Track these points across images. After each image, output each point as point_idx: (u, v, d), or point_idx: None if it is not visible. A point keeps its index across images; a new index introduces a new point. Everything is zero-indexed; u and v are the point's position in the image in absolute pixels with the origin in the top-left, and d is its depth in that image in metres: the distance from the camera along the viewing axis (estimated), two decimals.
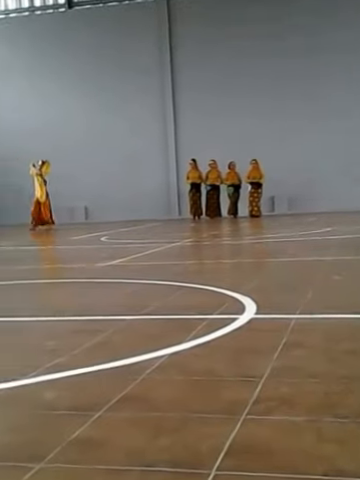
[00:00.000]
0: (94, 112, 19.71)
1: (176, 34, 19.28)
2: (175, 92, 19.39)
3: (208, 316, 3.91)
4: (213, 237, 11.65)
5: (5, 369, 2.96)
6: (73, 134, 19.79)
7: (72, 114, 19.81)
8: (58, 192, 19.73)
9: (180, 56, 19.28)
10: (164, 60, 19.39)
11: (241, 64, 18.75)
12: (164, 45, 19.34)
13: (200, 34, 18.86)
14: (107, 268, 6.99)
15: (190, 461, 1.83)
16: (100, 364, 2.92)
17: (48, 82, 19.92)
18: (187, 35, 19.09)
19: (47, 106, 19.96)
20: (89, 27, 19.57)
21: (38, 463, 1.85)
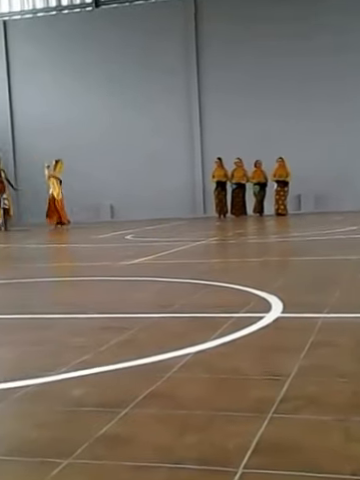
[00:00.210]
0: (120, 111, 19.78)
1: (202, 33, 19.25)
2: (201, 91, 19.37)
3: (234, 314, 3.90)
4: (238, 235, 11.61)
5: (34, 366, 2.99)
6: (99, 133, 19.89)
7: (98, 113, 19.91)
8: (84, 190, 19.89)
9: (206, 55, 19.25)
10: (190, 59, 19.38)
11: (267, 64, 18.66)
12: (190, 44, 19.32)
13: (226, 33, 18.81)
14: (132, 266, 7.01)
15: (217, 459, 1.82)
16: (126, 361, 2.93)
17: (74, 81, 20.05)
18: (213, 34, 19.05)
19: (72, 105, 20.09)
20: (115, 26, 19.64)
21: (66, 459, 1.87)
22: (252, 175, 17.56)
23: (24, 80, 20.47)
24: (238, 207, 17.67)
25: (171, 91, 19.44)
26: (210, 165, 18.30)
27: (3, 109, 20.66)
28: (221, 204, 17.83)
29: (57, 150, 19.82)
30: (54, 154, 19.86)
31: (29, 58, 20.28)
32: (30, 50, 20.27)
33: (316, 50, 18.35)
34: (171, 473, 1.76)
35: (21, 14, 20.75)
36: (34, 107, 20.35)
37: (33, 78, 20.30)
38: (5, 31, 20.55)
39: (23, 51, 20.38)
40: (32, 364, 3.03)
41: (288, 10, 18.43)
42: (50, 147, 19.81)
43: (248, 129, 18.68)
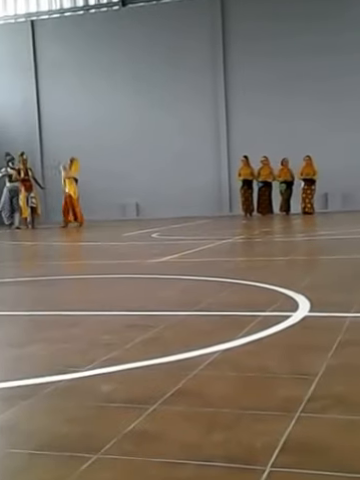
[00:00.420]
0: (146, 110, 19.83)
1: (229, 31, 19.20)
2: (227, 89, 19.33)
3: (261, 313, 3.89)
4: (265, 234, 11.57)
5: (63, 362, 3.03)
6: (125, 132, 19.97)
7: (124, 112, 19.98)
8: (110, 189, 19.99)
9: (233, 53, 19.19)
10: (216, 57, 19.34)
11: (295, 61, 18.52)
12: (217, 42, 19.29)
13: (253, 31, 18.72)
14: (158, 264, 7.03)
15: (244, 457, 1.83)
16: (153, 359, 2.95)
17: (100, 80, 20.15)
18: (240, 32, 18.99)
19: (99, 104, 20.19)
20: (142, 25, 19.68)
21: (95, 454, 1.89)
22: (278, 173, 17.48)
23: (51, 80, 20.63)
24: (264, 205, 17.60)
25: (198, 89, 19.43)
26: (236, 163, 18.26)
27: (31, 109, 20.86)
28: (247, 202, 17.78)
29: (83, 149, 19.96)
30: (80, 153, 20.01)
31: (56, 58, 20.44)
32: (57, 50, 20.42)
33: (344, 47, 18.17)
34: (199, 470, 1.77)
35: (49, 14, 20.91)
36: (61, 106, 20.51)
37: (60, 78, 20.45)
38: (33, 31, 20.74)
39: (50, 51, 20.54)
40: (61, 360, 3.06)
41: (316, 7, 18.28)
42: (77, 146, 19.93)
43: (275, 127, 18.60)
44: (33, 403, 2.43)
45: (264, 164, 17.54)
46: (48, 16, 20.93)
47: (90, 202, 19.96)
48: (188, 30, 19.38)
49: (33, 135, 20.83)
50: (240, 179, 17.79)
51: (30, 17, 20.89)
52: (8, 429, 2.18)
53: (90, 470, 1.80)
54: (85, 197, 19.90)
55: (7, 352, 3.31)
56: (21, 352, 3.28)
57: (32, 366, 3.01)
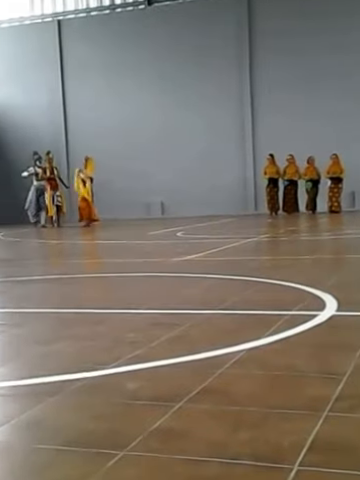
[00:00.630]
0: (171, 109, 19.83)
1: (255, 29, 19.10)
2: (253, 87, 19.23)
3: (287, 312, 3.87)
4: (291, 233, 11.50)
5: (89, 359, 3.04)
6: (150, 130, 19.99)
7: (149, 111, 20.01)
8: (135, 188, 20.04)
9: (259, 51, 19.09)
10: (243, 56, 19.25)
11: (321, 60, 18.34)
12: (243, 41, 19.19)
13: (280, 29, 18.58)
14: (183, 263, 7.03)
15: (272, 456, 1.82)
16: (178, 357, 2.95)
17: (126, 79, 20.19)
18: (267, 30, 18.86)
19: (124, 103, 20.24)
20: (167, 24, 19.68)
21: (121, 450, 1.90)
22: (305, 172, 17.35)
23: (77, 79, 20.73)
24: (290, 204, 17.49)
25: (223, 88, 19.37)
26: (262, 162, 18.17)
27: (57, 108, 20.99)
28: (273, 201, 17.69)
29: (109, 148, 20.06)
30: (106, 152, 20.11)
31: (82, 57, 20.54)
32: (83, 49, 20.51)
33: None
34: (225, 468, 1.77)
35: (75, 13, 21.03)
36: (87, 106, 20.60)
37: (86, 77, 20.55)
38: (59, 31, 20.86)
39: (76, 50, 20.64)
40: (87, 357, 3.08)
41: (343, 4, 18.09)
42: (102, 145, 20.05)
43: (301, 125, 18.45)
44: (60, 399, 2.44)
45: (290, 162, 17.43)
46: (74, 15, 21.05)
47: (115, 201, 20.06)
48: (214, 29, 19.33)
49: (59, 134, 20.97)
50: (266, 177, 17.70)
51: (57, 17, 21.02)
52: (35, 425, 2.19)
53: (116, 467, 1.80)
54: (110, 196, 20.03)
55: (34, 349, 3.34)
56: (47, 349, 3.30)
57: (58, 363, 3.03)
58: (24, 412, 2.31)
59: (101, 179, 19.73)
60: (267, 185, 17.72)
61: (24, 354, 3.26)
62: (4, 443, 2.06)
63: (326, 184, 17.08)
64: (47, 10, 21.17)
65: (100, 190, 19.78)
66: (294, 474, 1.69)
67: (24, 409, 2.34)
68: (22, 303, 4.85)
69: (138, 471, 1.78)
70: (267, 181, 17.68)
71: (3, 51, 21.25)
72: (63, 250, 10.94)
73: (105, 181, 19.97)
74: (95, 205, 16.78)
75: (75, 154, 20.38)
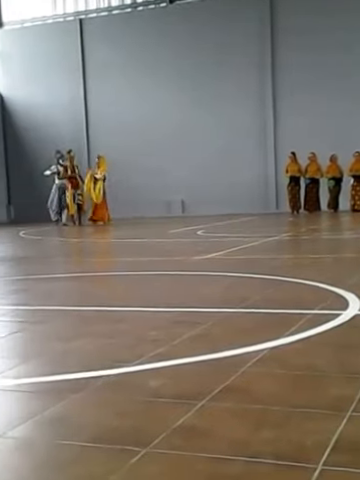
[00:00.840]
0: (193, 107, 19.81)
1: (277, 27, 18.98)
2: (275, 85, 19.13)
3: (310, 311, 3.85)
4: (312, 231, 11.43)
5: (111, 357, 3.06)
6: (171, 128, 20.00)
7: (170, 109, 20.01)
8: (155, 186, 20.06)
9: (281, 49, 18.96)
10: (265, 54, 19.17)
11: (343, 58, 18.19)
12: (265, 39, 19.11)
13: (303, 27, 18.44)
14: (204, 261, 7.03)
15: (295, 455, 1.82)
16: (200, 355, 2.95)
17: (147, 77, 20.21)
18: (289, 29, 18.73)
19: (145, 102, 20.27)
20: (189, 22, 19.65)
21: (144, 448, 1.91)
22: (327, 170, 17.22)
23: (98, 78, 20.80)
24: (312, 202, 17.38)
25: (245, 85, 19.29)
26: (283, 160, 18.08)
27: (78, 106, 21.07)
28: (294, 199, 17.59)
29: (130, 147, 20.12)
30: (127, 151, 20.17)
31: (103, 56, 20.60)
32: (105, 48, 20.57)
33: None
34: (248, 466, 1.77)
35: (97, 12, 21.10)
36: (108, 104, 20.66)
37: (107, 75, 20.61)
38: (81, 30, 20.95)
39: (98, 49, 20.71)
40: (109, 355, 3.09)
41: None
42: (123, 144, 20.11)
43: (323, 123, 18.32)
44: (83, 396, 2.46)
45: (312, 160, 17.31)
46: (96, 14, 21.12)
47: (136, 199, 20.11)
48: (235, 27, 19.27)
49: (80, 133, 21.07)
50: (287, 176, 17.60)
51: (79, 16, 21.11)
52: (58, 422, 2.21)
53: (140, 464, 1.81)
54: (131, 194, 20.09)
55: (56, 346, 3.36)
56: (70, 346, 3.33)
57: (81, 360, 3.05)
58: (47, 409, 2.32)
59: (122, 177, 19.83)
60: (289, 183, 17.62)
61: (46, 351, 3.28)
62: (27, 439, 2.08)
63: (349, 182, 16.94)
64: (69, 9, 21.27)
65: (121, 188, 19.87)
66: (318, 474, 1.68)
67: (47, 406, 2.36)
68: (44, 301, 4.89)
69: (161, 468, 1.79)
70: (289, 179, 17.59)
71: (26, 50, 21.41)
72: (84, 248, 10.99)
73: (126, 179, 20.04)
74: (108, 204, 16.85)
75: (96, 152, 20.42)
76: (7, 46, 21.69)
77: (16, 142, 21.68)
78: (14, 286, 5.84)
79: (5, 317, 4.30)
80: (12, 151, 21.80)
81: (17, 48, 21.51)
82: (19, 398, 2.58)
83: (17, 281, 6.17)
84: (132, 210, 19.71)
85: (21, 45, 21.47)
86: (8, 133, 21.81)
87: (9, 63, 21.68)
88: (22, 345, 3.56)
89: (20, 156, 21.56)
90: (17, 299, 5.13)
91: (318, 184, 17.32)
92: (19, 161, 21.56)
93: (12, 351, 3.41)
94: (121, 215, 18.88)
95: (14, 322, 4.15)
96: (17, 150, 21.64)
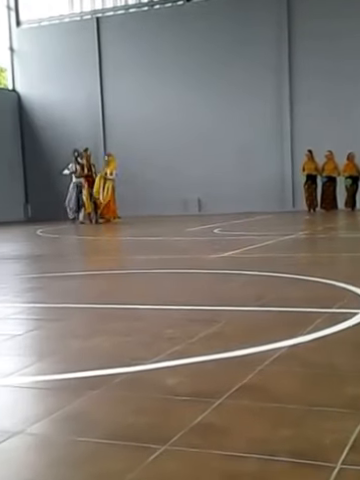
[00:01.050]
0: (209, 105, 19.79)
1: (295, 26, 18.89)
2: (292, 83, 19.04)
3: (327, 310, 3.83)
4: (329, 230, 11.37)
5: (128, 354, 3.06)
6: (188, 127, 19.98)
7: (187, 107, 19.99)
8: (172, 184, 20.07)
9: (298, 46, 18.88)
10: (281, 51, 19.09)
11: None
12: (282, 35, 19.02)
13: (320, 22, 18.33)
14: (220, 259, 7.02)
15: (313, 454, 1.81)
16: (217, 353, 2.95)
17: (163, 76, 20.21)
18: (307, 27, 18.63)
19: (162, 100, 20.27)
20: (206, 20, 19.59)
21: (162, 445, 1.91)
22: (344, 168, 17.12)
23: (115, 76, 20.81)
24: (328, 201, 17.28)
25: (261, 84, 19.22)
26: (300, 158, 18.00)
27: (95, 105, 21.11)
28: (311, 198, 17.50)
29: (146, 145, 20.13)
30: (143, 149, 20.18)
31: (120, 54, 20.63)
32: (122, 46, 20.59)
33: None
34: (266, 464, 1.76)
35: (114, 10, 21.13)
36: (125, 102, 20.69)
37: (124, 73, 20.62)
38: (98, 28, 21.00)
39: (115, 47, 20.74)
40: (126, 353, 3.10)
41: None
42: (140, 142, 20.14)
43: (340, 121, 18.21)
44: (100, 394, 2.46)
45: (328, 159, 17.22)
46: (113, 13, 21.15)
47: (152, 197, 20.14)
48: (253, 24, 19.20)
49: (97, 131, 21.12)
50: (304, 174, 17.52)
51: (96, 14, 21.16)
52: (76, 419, 2.22)
53: (158, 460, 1.81)
54: (148, 192, 20.11)
55: (73, 344, 3.38)
56: (87, 344, 3.34)
57: (98, 358, 3.05)
58: (64, 406, 2.33)
59: (138, 175, 19.88)
60: (305, 182, 17.54)
61: (63, 349, 3.29)
62: (45, 436, 2.09)
63: None
64: (86, 8, 21.32)
65: (137, 186, 19.92)
66: (337, 473, 1.67)
67: (64, 403, 2.36)
68: (60, 298, 4.91)
69: (179, 466, 1.79)
70: (305, 178, 17.51)
71: (43, 49, 21.51)
72: (100, 246, 11.03)
73: (142, 177, 20.07)
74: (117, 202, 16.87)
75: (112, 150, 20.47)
76: (24, 45, 21.82)
77: (33, 141, 21.80)
78: (31, 284, 5.88)
79: (22, 315, 4.33)
80: (29, 150, 21.93)
81: (34, 47, 21.63)
82: (36, 395, 2.59)
83: (34, 279, 6.21)
84: (148, 208, 19.75)
85: (38, 44, 21.58)
86: (25, 132, 21.94)
87: (26, 62, 21.81)
88: (39, 343, 3.57)
89: (37, 155, 21.68)
90: (34, 297, 5.16)
91: (335, 182, 17.23)
92: (36, 160, 21.68)
93: (29, 349, 3.43)
94: (137, 213, 18.93)
95: (31, 320, 4.17)
96: (34, 149, 21.76)
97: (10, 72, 22.19)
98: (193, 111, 19.89)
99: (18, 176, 21.76)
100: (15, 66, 22.08)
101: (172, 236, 11.28)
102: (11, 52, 22.08)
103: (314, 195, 17.49)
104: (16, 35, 21.95)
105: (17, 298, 5.11)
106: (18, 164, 21.80)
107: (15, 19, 21.93)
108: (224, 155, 19.61)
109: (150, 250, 8.81)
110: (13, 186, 21.38)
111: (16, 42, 21.99)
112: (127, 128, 20.57)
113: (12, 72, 22.13)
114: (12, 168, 21.37)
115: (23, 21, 22.00)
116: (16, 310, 4.45)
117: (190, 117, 19.93)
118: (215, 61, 19.65)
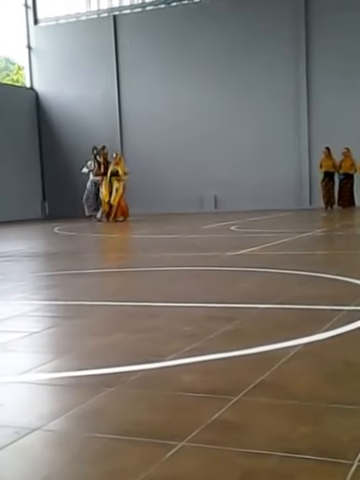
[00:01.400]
0: (225, 102, 19.74)
1: (312, 19, 18.78)
2: (309, 79, 18.94)
3: (344, 307, 3.81)
4: (347, 227, 11.31)
5: (146, 351, 3.07)
6: (204, 124, 19.97)
7: (203, 105, 19.97)
8: (188, 181, 20.07)
9: (316, 41, 18.76)
10: (299, 46, 18.96)
11: None
12: (300, 29, 18.89)
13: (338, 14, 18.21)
14: (238, 257, 7.00)
15: (331, 450, 1.80)
16: (235, 350, 2.94)
17: (180, 73, 20.20)
18: (324, 20, 18.53)
19: (178, 97, 20.25)
20: (222, 17, 19.53)
21: (180, 441, 1.91)
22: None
23: (132, 74, 20.83)
24: (346, 198, 17.18)
25: (279, 81, 19.14)
26: (317, 155, 17.90)
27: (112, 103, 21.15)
28: (328, 195, 17.41)
29: (163, 142, 20.14)
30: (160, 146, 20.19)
31: (137, 52, 20.64)
32: (138, 44, 20.61)
33: None
34: (283, 461, 1.76)
35: (131, 8, 21.14)
36: (141, 100, 20.72)
37: (141, 71, 20.63)
38: (115, 26, 21.02)
39: (132, 45, 20.75)
40: (144, 350, 3.11)
41: None
42: (156, 139, 20.15)
43: (358, 118, 18.08)
44: (118, 390, 2.47)
45: (346, 156, 17.11)
46: (130, 11, 21.16)
47: (168, 194, 20.15)
48: (269, 19, 19.10)
49: (114, 128, 21.16)
50: (321, 171, 17.44)
51: (113, 12, 21.19)
52: (93, 415, 2.23)
53: (176, 456, 1.82)
54: (164, 189, 20.13)
55: (90, 341, 3.39)
56: (104, 341, 3.35)
57: (115, 355, 3.06)
58: (82, 403, 2.34)
59: (154, 172, 19.91)
60: (322, 179, 17.45)
61: (81, 346, 3.31)
62: (62, 433, 2.10)
63: None
64: (103, 6, 21.37)
65: (153, 184, 19.94)
66: (355, 469, 1.66)
67: (81, 400, 2.37)
68: (77, 296, 4.93)
69: (197, 462, 1.79)
70: (323, 175, 17.42)
71: (60, 47, 21.60)
72: (117, 244, 11.06)
73: (158, 175, 20.09)
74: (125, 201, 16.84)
75: (129, 147, 20.57)
76: (42, 43, 21.92)
77: (51, 138, 21.90)
78: (48, 281, 5.91)
79: (39, 312, 4.35)
80: (47, 148, 22.04)
81: (52, 45, 21.72)
82: (54, 392, 2.60)
83: (51, 276, 6.24)
84: (164, 206, 19.76)
85: (56, 42, 21.67)
86: (43, 129, 22.05)
87: (44, 60, 21.91)
88: (56, 340, 3.59)
89: (55, 153, 21.78)
90: (51, 294, 5.19)
91: (352, 179, 17.13)
92: (54, 158, 21.78)
93: (46, 346, 3.45)
94: (152, 211, 18.94)
95: (48, 317, 4.19)
96: (52, 146, 21.87)
97: (28, 70, 22.31)
98: (210, 108, 19.86)
99: (36, 174, 21.88)
100: (33, 64, 22.20)
101: (188, 234, 11.28)
102: (29, 50, 22.20)
103: (331, 192, 17.40)
104: (34, 33, 22.06)
105: (34, 295, 5.14)
106: (36, 162, 21.92)
107: (33, 17, 22.04)
108: (241, 152, 19.56)
109: (166, 248, 8.82)
110: (31, 184, 21.50)
111: (34, 40, 22.10)
112: (144, 125, 20.58)
113: (30, 70, 22.25)
114: (30, 166, 21.51)
115: (41, 19, 22.10)
116: (33, 307, 4.47)
117: (206, 114, 19.90)
118: (231, 58, 19.60)
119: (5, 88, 21.31)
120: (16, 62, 24.08)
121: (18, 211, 19.95)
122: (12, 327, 3.82)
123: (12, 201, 20.06)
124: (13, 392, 2.60)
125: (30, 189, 21.39)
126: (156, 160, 20.08)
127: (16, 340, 3.43)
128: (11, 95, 21.07)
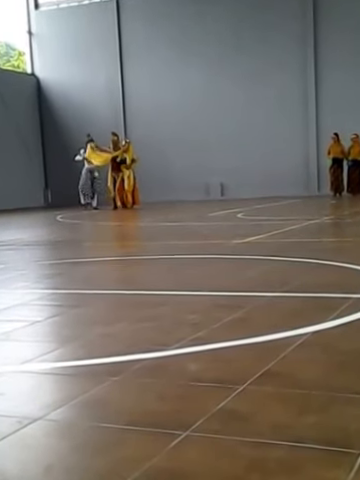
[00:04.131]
0: (231, 89, 19.63)
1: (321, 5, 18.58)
2: (317, 65, 18.79)
3: (352, 295, 3.76)
4: (355, 214, 11.23)
5: (150, 340, 3.04)
6: (209, 110, 19.86)
7: (208, 91, 19.85)
8: (193, 169, 19.99)
9: (324, 27, 18.59)
10: (306, 31, 18.81)
11: None
12: (308, 16, 18.73)
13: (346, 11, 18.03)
14: (245, 245, 6.96)
15: (338, 440, 1.77)
16: (241, 339, 2.91)
17: (185, 58, 20.06)
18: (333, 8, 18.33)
19: (183, 83, 20.14)
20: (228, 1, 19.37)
21: (184, 431, 1.88)
22: None
23: (136, 59, 20.69)
24: (354, 185, 17.08)
25: (286, 66, 19.00)
26: (325, 141, 17.78)
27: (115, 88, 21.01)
28: (337, 182, 17.30)
29: (168, 129, 20.05)
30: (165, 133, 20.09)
31: (141, 36, 20.49)
32: (142, 29, 20.44)
33: None
34: (290, 451, 1.73)
35: None
36: (145, 85, 20.58)
37: (144, 56, 20.50)
38: (118, 10, 20.82)
39: (135, 30, 20.58)
40: (149, 338, 3.07)
41: None
42: (161, 126, 20.06)
43: None
44: (122, 380, 2.44)
45: (354, 142, 16.99)
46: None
47: (174, 182, 20.10)
48: (277, 5, 18.93)
49: (117, 115, 21.05)
50: (330, 157, 17.30)
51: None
52: (98, 404, 2.20)
53: (180, 447, 1.79)
54: (170, 177, 20.07)
55: (94, 330, 3.36)
56: (108, 330, 3.32)
57: (120, 343, 3.03)
58: (86, 392, 2.32)
59: (159, 160, 19.83)
60: (331, 165, 17.34)
61: (85, 335, 3.28)
62: (67, 422, 2.07)
63: None
64: None
65: (158, 171, 19.87)
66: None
67: (86, 389, 2.35)
68: (81, 284, 4.90)
69: (202, 452, 1.76)
70: (331, 161, 17.30)
71: (62, 32, 21.44)
72: (121, 232, 11.03)
73: (163, 162, 20.02)
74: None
75: (133, 135, 20.47)
76: (43, 28, 21.74)
77: (52, 125, 21.79)
78: (51, 270, 5.88)
79: (42, 301, 4.33)
80: (48, 135, 21.92)
81: (53, 30, 21.53)
82: (58, 381, 2.58)
83: (54, 265, 6.21)
84: (169, 193, 19.72)
85: (57, 27, 21.49)
86: (44, 116, 21.92)
87: (45, 45, 21.73)
88: (59, 329, 3.56)
89: (57, 140, 21.67)
90: (54, 283, 5.16)
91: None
92: (56, 145, 21.68)
93: (49, 335, 3.43)
94: (158, 198, 18.89)
95: (51, 306, 4.17)
96: (53, 133, 21.75)
97: (29, 56, 22.10)
98: (216, 95, 19.74)
99: (38, 161, 21.77)
100: (34, 50, 22.02)
101: (194, 221, 11.24)
102: (30, 35, 21.99)
103: (340, 179, 17.30)
104: (34, 18, 21.83)
105: (37, 284, 5.12)
106: (37, 149, 21.79)
107: (33, 1, 21.82)
108: (247, 139, 19.46)
109: (172, 235, 8.78)
110: (33, 172, 21.40)
111: (34, 25, 21.89)
112: (148, 111, 20.47)
113: (31, 56, 22.05)
114: (31, 153, 21.36)
115: (41, 3, 21.89)
116: (36, 296, 4.44)
117: (212, 101, 19.79)
118: (239, 43, 19.45)
119: (6, 74, 21.04)
120: (17, 48, 23.90)
121: (20, 199, 19.86)
122: (14, 316, 3.79)
123: (14, 189, 19.95)
124: (15, 381, 2.58)
125: (32, 177, 21.28)
126: (161, 147, 20.00)
127: (18, 329, 3.41)
128: (12, 81, 20.80)
